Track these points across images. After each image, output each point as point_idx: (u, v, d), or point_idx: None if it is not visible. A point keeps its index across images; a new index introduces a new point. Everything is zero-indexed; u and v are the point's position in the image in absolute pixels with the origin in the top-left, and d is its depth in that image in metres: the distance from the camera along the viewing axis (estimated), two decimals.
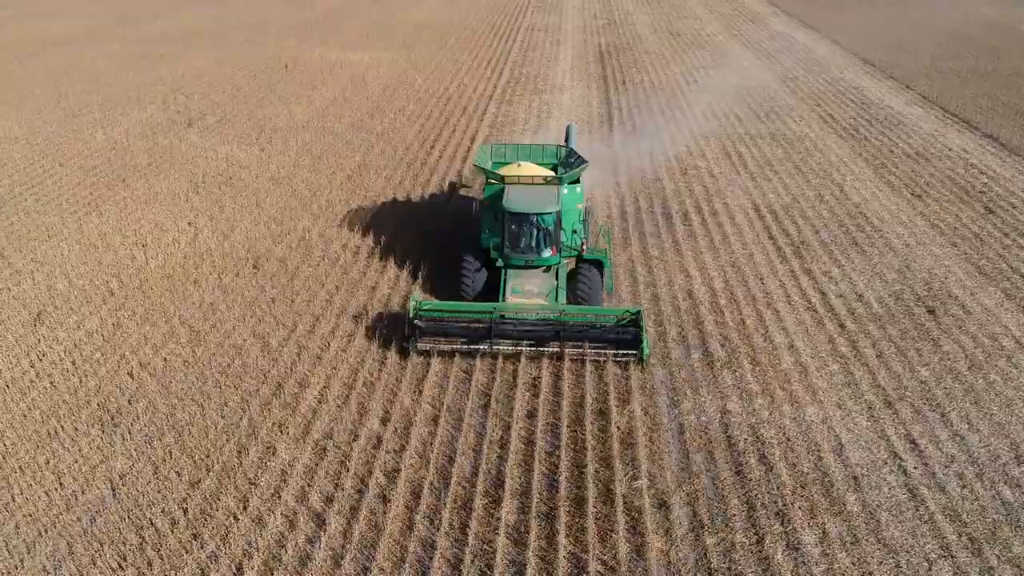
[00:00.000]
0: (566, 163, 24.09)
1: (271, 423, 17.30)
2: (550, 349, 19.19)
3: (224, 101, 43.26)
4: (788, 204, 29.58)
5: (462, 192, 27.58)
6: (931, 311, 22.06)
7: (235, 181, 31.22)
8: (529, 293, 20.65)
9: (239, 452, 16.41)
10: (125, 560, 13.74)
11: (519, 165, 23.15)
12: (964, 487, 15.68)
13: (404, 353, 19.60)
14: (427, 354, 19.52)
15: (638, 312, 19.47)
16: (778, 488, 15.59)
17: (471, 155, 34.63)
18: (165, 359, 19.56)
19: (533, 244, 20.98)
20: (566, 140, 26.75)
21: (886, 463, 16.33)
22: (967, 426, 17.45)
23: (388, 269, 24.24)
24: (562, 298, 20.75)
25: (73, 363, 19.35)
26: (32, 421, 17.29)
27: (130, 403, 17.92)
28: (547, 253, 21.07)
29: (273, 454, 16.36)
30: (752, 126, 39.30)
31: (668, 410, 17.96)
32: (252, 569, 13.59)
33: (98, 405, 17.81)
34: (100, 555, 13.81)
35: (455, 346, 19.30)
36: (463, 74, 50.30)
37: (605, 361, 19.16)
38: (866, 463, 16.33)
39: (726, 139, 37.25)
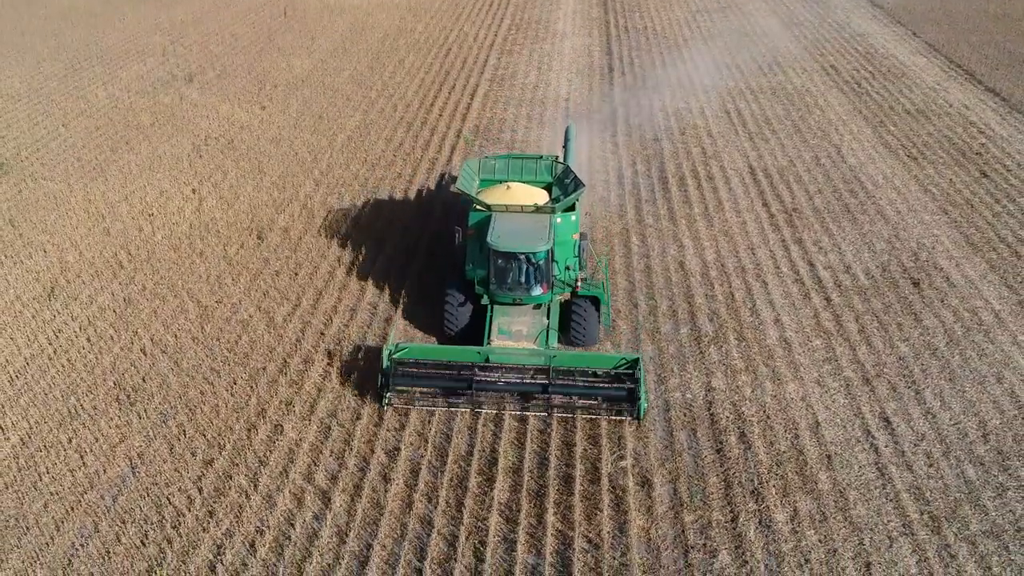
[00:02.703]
0: (561, 183, 21.32)
1: (278, 401, 18.28)
2: (536, 413, 17.66)
3: (223, 53, 43.06)
4: (784, 167, 29.86)
5: (452, 189, 27.22)
6: (916, 283, 22.69)
7: (237, 143, 31.56)
8: (517, 335, 18.92)
9: (249, 430, 17.43)
10: (147, 537, 14.90)
11: (508, 187, 20.55)
12: (930, 465, 16.65)
13: (377, 402, 18.09)
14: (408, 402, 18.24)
15: (636, 360, 17.48)
16: (755, 466, 16.59)
17: (471, 113, 34.78)
18: (175, 335, 20.46)
19: (522, 280, 18.92)
20: (565, 142, 25.21)
21: (859, 441, 17.28)
22: (939, 403, 18.32)
23: (388, 242, 24.87)
24: (553, 340, 19.01)
25: (88, 340, 20.26)
26: (53, 400, 18.30)
27: (144, 381, 18.89)
28: (537, 291, 19.00)
29: (281, 433, 17.38)
30: (754, 79, 39.10)
31: (655, 387, 18.85)
32: (264, 546, 14.74)
33: (114, 383, 18.78)
34: (124, 532, 14.96)
35: (435, 397, 17.90)
36: (464, 20, 49.70)
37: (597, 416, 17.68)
38: (840, 441, 17.28)
39: (726, 94, 37.16)
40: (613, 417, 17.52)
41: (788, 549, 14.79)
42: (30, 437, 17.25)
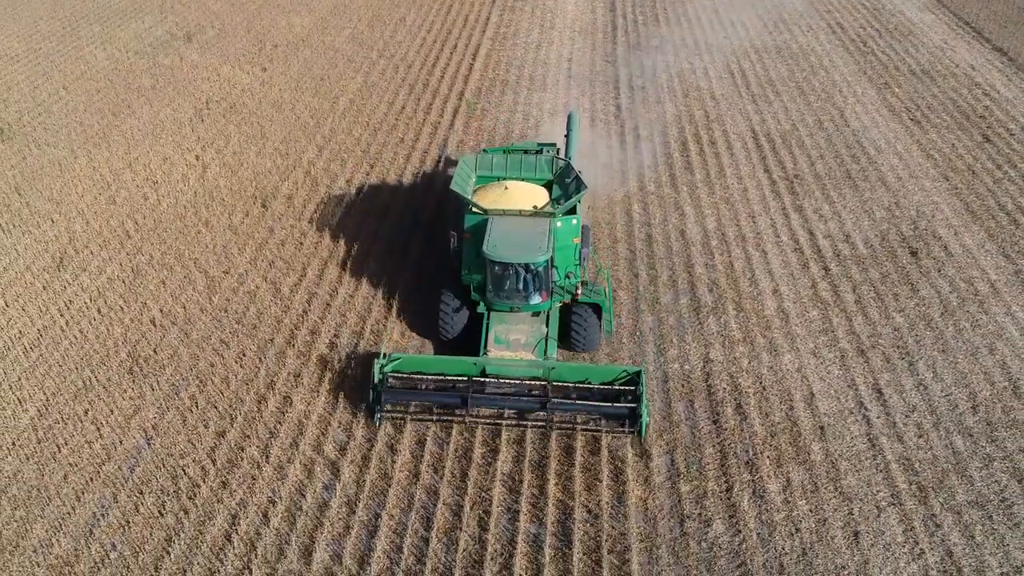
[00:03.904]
0: (562, 181, 19.98)
1: (286, 372, 18.76)
2: (535, 422, 17.20)
3: (221, 10, 42.52)
4: (787, 132, 29.82)
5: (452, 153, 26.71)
6: (914, 253, 22.94)
7: (238, 107, 31.50)
8: (514, 344, 18.26)
9: (259, 402, 17.94)
10: (164, 508, 15.52)
11: (506, 188, 19.52)
12: (920, 436, 17.16)
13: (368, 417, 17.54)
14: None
15: (638, 372, 17.00)
16: (750, 437, 17.10)
17: (473, 74, 34.57)
18: (184, 306, 20.85)
19: (520, 288, 18.21)
20: (567, 132, 24.03)
21: (852, 413, 17.77)
22: (932, 375, 18.76)
23: (391, 211, 25.08)
24: (552, 350, 18.28)
25: (99, 311, 20.66)
26: (68, 371, 18.79)
27: (155, 352, 19.35)
28: (536, 299, 18.31)
29: (290, 404, 17.89)
30: (758, 38, 38.69)
31: (655, 358, 19.28)
32: (277, 516, 15.36)
33: (127, 355, 19.25)
34: (142, 503, 15.58)
35: (429, 413, 17.50)
36: None
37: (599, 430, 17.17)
38: (833, 412, 17.77)
39: (731, 54, 36.82)
40: (616, 430, 16.97)
41: (780, 519, 15.38)
42: (47, 409, 17.78)
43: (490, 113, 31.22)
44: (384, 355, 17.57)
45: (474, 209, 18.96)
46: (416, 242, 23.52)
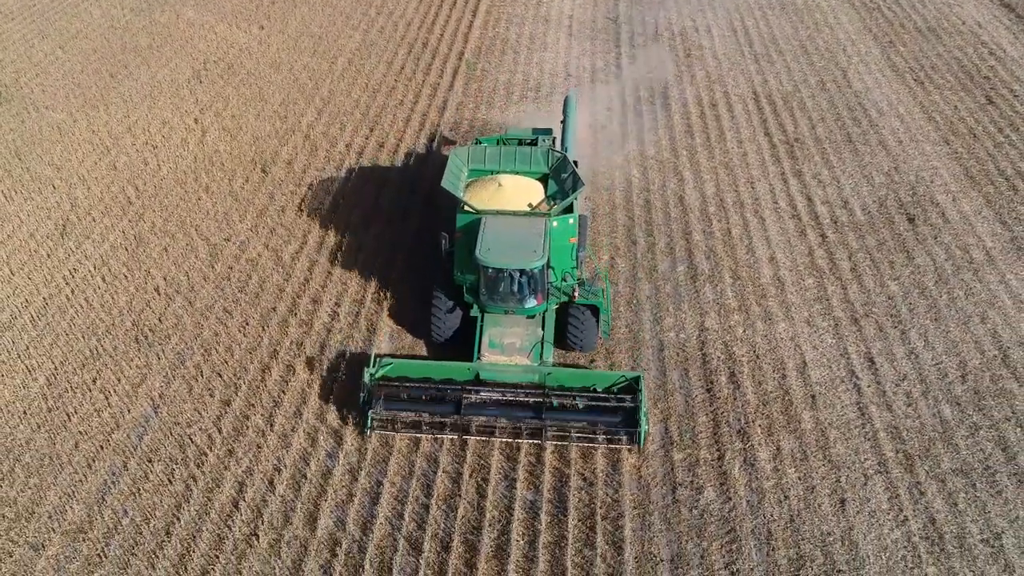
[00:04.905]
0: (558, 176, 19.04)
1: (289, 342, 19.11)
2: (529, 436, 16.56)
3: None
4: (789, 93, 29.60)
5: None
6: (911, 219, 23.04)
7: (236, 68, 31.26)
8: (509, 348, 17.63)
9: (263, 371, 18.34)
10: (173, 475, 16.03)
11: (499, 184, 18.54)
12: (909, 405, 17.55)
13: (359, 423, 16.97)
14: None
15: (637, 378, 16.58)
16: (743, 406, 17.51)
17: (473, 32, 34.17)
18: (187, 274, 21.11)
19: (514, 291, 17.50)
20: (564, 114, 22.98)
21: (843, 381, 18.13)
22: (923, 343, 19.07)
23: (390, 177, 25.12)
24: (548, 353, 17.66)
25: (103, 279, 20.93)
26: (74, 340, 19.15)
27: (160, 321, 19.68)
28: (531, 303, 17.63)
29: (293, 373, 18.29)
30: None
31: (651, 326, 19.59)
32: (282, 483, 15.87)
33: (132, 323, 19.59)
34: (151, 471, 16.08)
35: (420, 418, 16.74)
36: None
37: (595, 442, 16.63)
38: (825, 381, 18.14)
39: (734, 10, 36.27)
40: (613, 441, 16.51)
41: (769, 486, 15.86)
42: (56, 377, 18.19)
43: (490, 74, 30.97)
44: (374, 360, 17.08)
45: (467, 208, 18.24)
46: (415, 210, 23.63)
